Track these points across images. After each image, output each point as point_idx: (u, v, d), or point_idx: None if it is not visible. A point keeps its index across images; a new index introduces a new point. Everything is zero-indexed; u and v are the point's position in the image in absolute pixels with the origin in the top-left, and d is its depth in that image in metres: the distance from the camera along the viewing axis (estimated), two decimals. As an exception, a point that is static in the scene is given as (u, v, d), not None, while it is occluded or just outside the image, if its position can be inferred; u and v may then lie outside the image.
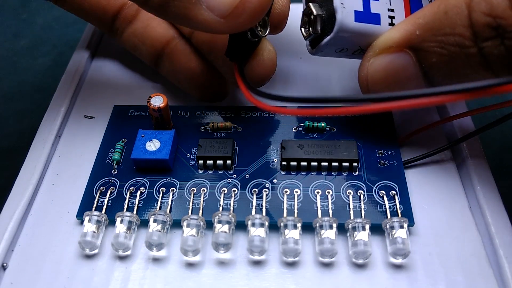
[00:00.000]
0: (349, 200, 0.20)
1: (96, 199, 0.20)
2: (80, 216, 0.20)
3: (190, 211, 0.20)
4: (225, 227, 0.18)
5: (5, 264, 0.19)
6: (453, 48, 0.16)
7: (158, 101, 0.21)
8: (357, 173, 0.21)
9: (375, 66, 0.18)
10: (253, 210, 0.20)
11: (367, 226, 0.18)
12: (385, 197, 0.20)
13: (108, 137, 0.23)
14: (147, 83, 0.27)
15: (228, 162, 0.21)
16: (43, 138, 0.23)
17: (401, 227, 0.18)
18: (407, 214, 0.19)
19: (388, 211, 0.19)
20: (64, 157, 0.23)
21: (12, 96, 0.36)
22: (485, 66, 0.16)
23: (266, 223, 0.19)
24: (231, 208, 0.20)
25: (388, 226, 0.19)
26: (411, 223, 0.19)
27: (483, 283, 0.18)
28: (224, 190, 0.20)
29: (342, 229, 0.19)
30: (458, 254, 0.19)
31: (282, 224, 0.19)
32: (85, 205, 0.20)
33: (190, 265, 0.19)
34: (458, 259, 0.19)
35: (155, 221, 0.19)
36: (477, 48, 0.15)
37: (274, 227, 0.19)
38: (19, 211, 0.20)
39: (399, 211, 0.19)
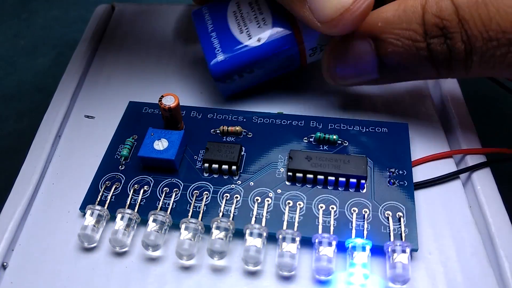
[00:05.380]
0: (352, 218, 0.19)
1: (100, 193, 0.20)
2: (83, 209, 0.20)
3: (190, 214, 0.20)
4: (222, 234, 0.18)
5: (5, 264, 0.19)
6: (407, 41, 0.19)
7: (169, 101, 0.21)
8: (364, 190, 0.20)
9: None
10: (253, 219, 0.19)
11: (368, 248, 0.18)
12: (390, 218, 0.19)
13: (120, 132, 0.23)
14: (152, 82, 0.27)
15: (234, 167, 0.21)
16: (43, 138, 0.23)
17: (403, 251, 0.18)
18: (412, 235, 0.18)
19: (391, 234, 0.19)
20: (64, 157, 0.23)
21: (12, 96, 0.36)
22: (430, 60, 0.19)
23: (264, 234, 0.18)
24: (231, 215, 0.19)
25: (390, 249, 0.18)
26: (415, 247, 0.18)
27: (483, 283, 0.18)
28: (227, 196, 0.20)
29: (341, 248, 0.18)
30: (458, 254, 0.18)
31: (280, 236, 0.18)
32: (90, 199, 0.20)
33: (188, 266, 0.19)
34: (458, 259, 0.18)
35: (154, 220, 0.19)
36: (426, 43, 0.19)
37: (272, 238, 0.19)
38: (19, 211, 0.20)
39: (403, 235, 0.18)
